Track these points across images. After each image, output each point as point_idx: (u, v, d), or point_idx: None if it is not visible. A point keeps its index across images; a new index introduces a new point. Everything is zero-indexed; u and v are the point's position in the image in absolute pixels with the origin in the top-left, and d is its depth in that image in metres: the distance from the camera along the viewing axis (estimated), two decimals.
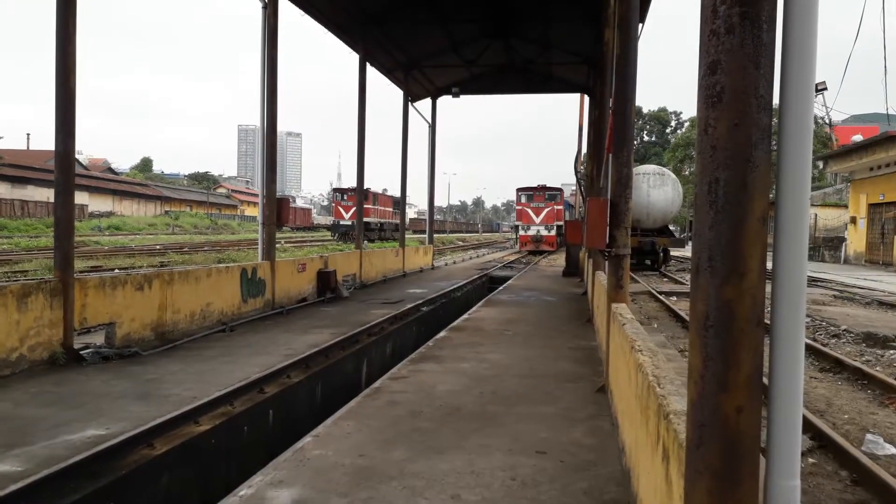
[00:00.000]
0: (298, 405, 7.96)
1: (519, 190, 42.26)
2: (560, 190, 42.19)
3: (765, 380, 2.05)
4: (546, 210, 40.22)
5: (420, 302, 15.15)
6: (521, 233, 41.22)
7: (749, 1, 1.89)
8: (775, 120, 2.01)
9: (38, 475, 4.56)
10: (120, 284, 9.15)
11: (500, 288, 19.13)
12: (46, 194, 53.62)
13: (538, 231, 40.31)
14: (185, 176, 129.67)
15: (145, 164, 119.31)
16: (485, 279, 23.21)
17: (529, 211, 40.61)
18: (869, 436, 6.11)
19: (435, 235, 33.33)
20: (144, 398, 6.74)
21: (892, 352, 10.21)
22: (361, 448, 5.24)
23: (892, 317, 14.30)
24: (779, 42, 1.98)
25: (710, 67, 1.96)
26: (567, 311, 13.85)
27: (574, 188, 40.61)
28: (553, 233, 40.21)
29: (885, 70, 13.33)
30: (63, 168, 8.58)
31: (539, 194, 41.04)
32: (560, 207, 40.82)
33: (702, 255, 2.00)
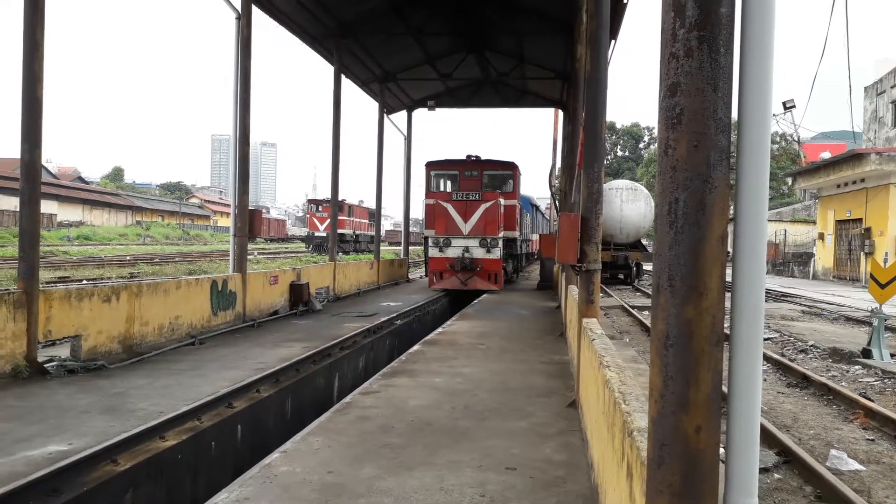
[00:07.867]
0: (268, 420, 7.86)
1: (430, 166, 21.55)
2: (512, 167, 21.65)
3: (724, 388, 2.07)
4: (484, 207, 20.05)
5: (394, 315, 15.10)
6: (433, 253, 20.52)
7: (707, 25, 1.93)
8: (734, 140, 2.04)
9: None
10: (87, 296, 8.99)
11: (475, 301, 19.12)
12: (14, 203, 52.54)
13: (465, 249, 20.02)
14: (157, 186, 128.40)
15: (117, 174, 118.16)
16: (459, 292, 23.15)
17: (449, 208, 20.23)
18: (833, 451, 6.20)
19: (410, 247, 32.30)
20: (110, 412, 6.61)
21: (857, 367, 10.38)
22: (330, 464, 5.18)
23: (857, 332, 14.55)
24: (736, 65, 2.01)
25: (670, 90, 2.00)
26: (540, 325, 13.89)
27: (549, 202, 38.15)
28: (497, 254, 20.14)
29: (850, 89, 13.64)
30: (28, 178, 8.43)
31: (470, 176, 20.83)
32: (513, 203, 21.40)
33: (662, 274, 2.02)
